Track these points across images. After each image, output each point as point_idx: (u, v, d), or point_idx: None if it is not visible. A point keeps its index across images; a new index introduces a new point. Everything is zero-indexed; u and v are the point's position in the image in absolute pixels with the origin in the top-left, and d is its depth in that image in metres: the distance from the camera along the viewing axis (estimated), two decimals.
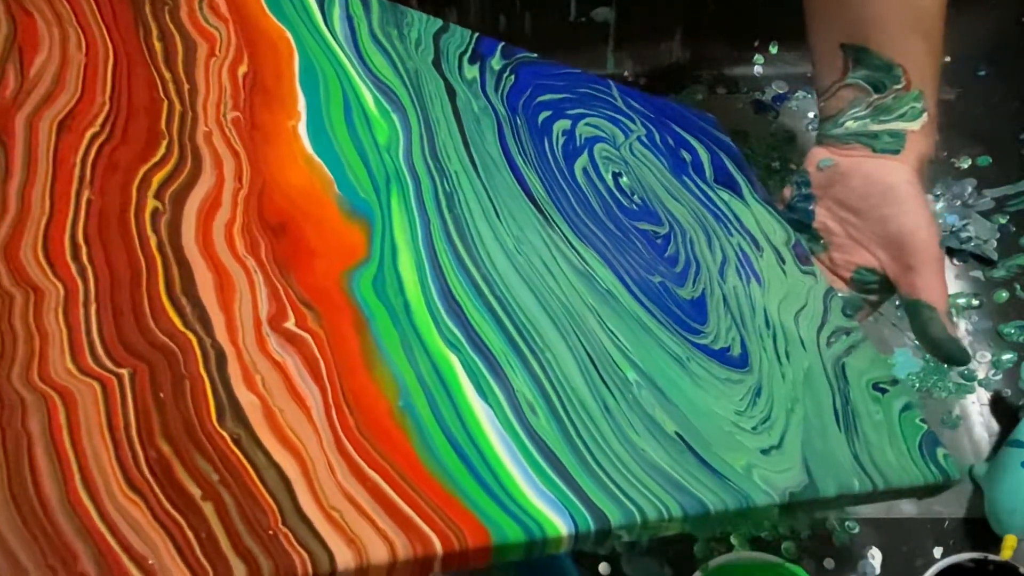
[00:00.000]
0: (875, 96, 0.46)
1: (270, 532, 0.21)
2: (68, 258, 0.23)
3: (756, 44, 0.72)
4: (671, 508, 0.29)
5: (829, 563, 0.50)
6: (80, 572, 0.18)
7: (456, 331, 0.29)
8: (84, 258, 0.23)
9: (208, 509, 0.21)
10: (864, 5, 0.45)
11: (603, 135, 0.44)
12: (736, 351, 0.39)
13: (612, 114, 0.46)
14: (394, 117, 0.34)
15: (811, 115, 0.70)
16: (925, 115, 0.46)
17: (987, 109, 0.70)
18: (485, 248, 0.32)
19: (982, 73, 0.72)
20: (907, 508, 0.52)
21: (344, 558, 0.22)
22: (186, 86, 0.28)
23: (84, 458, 0.20)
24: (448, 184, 0.33)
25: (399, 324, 0.28)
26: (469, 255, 0.31)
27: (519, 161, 0.37)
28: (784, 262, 0.47)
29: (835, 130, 0.48)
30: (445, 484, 0.25)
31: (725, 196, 0.48)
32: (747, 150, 0.67)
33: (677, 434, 0.32)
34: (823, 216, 0.49)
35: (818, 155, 0.49)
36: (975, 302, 0.61)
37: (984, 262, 0.63)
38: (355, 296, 0.27)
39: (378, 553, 0.22)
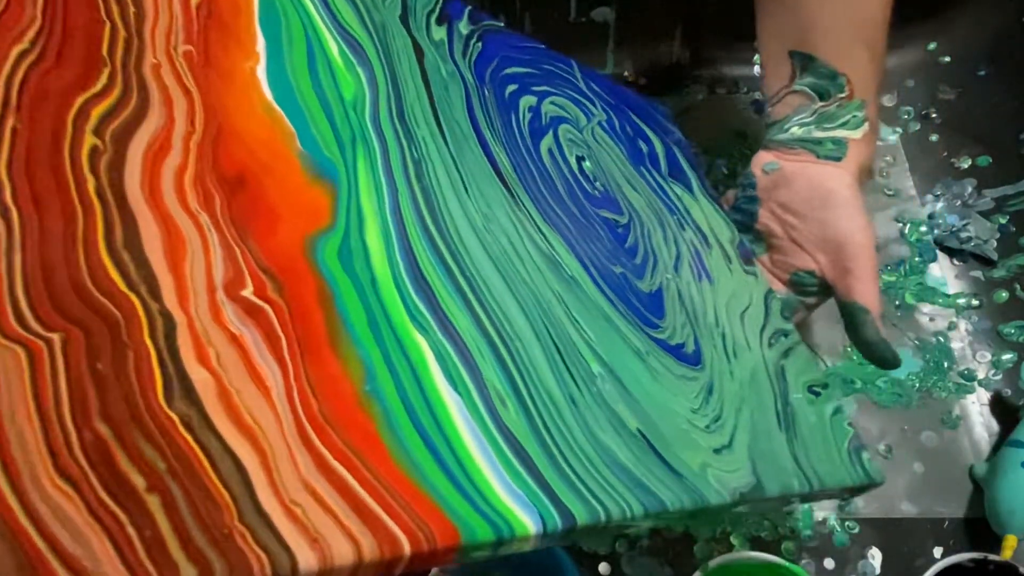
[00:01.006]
0: (820, 104, 0.47)
1: (224, 530, 0.18)
2: None
3: (756, 44, 0.72)
4: (634, 507, 0.28)
5: (829, 563, 0.50)
6: None
7: (425, 311, 0.26)
8: (7, 198, 0.19)
9: (153, 503, 0.18)
10: (811, 14, 0.45)
11: (567, 116, 0.43)
12: (690, 348, 0.38)
13: (575, 95, 0.44)
14: (360, 71, 0.31)
15: None
16: (866, 124, 0.47)
17: (987, 109, 0.69)
18: (454, 223, 0.30)
19: (982, 73, 0.71)
20: (907, 508, 0.52)
21: (306, 559, 0.19)
22: (132, 9, 0.24)
23: (4, 439, 0.17)
24: (416, 151, 0.31)
25: (366, 299, 0.25)
26: (438, 230, 0.29)
27: (487, 134, 0.35)
28: (730, 261, 0.47)
29: (781, 135, 0.48)
30: (413, 478, 0.22)
31: (678, 190, 0.48)
32: (746, 150, 0.66)
33: (639, 431, 0.31)
34: (766, 218, 0.50)
35: (763, 158, 0.49)
36: (975, 302, 0.61)
37: (984, 262, 0.63)
38: (319, 265, 0.24)
39: (343, 554, 0.20)
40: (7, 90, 0.20)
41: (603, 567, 0.49)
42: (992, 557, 0.44)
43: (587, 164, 0.41)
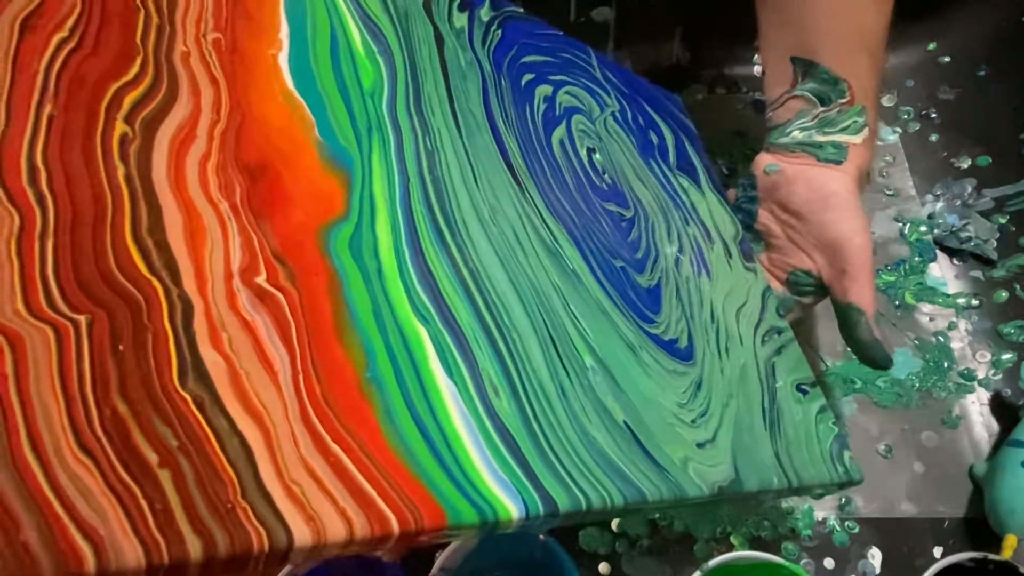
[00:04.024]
0: (821, 108, 0.48)
1: (228, 505, 0.20)
2: (24, 182, 0.20)
3: (756, 44, 0.71)
4: (614, 497, 0.29)
5: (829, 563, 0.50)
6: (22, 541, 0.17)
7: (427, 301, 0.28)
8: (43, 183, 0.20)
9: (164, 477, 0.19)
10: (813, 21, 0.46)
11: (581, 107, 0.43)
12: (683, 343, 0.39)
13: (590, 84, 0.45)
14: (380, 61, 0.32)
15: None
16: (866, 129, 0.48)
17: (987, 109, 0.70)
18: (462, 215, 0.31)
19: (982, 73, 0.72)
20: (907, 508, 0.52)
21: (302, 536, 0.21)
22: None
23: (31, 413, 0.18)
24: (430, 141, 0.32)
25: (371, 288, 0.26)
26: (446, 221, 0.30)
27: (500, 124, 0.36)
28: (731, 256, 0.48)
29: (782, 139, 0.49)
30: (406, 462, 0.24)
31: (684, 183, 0.48)
32: (747, 150, 0.66)
33: (625, 423, 0.32)
34: (765, 218, 0.51)
35: (765, 160, 0.50)
36: (975, 302, 0.61)
37: (984, 262, 0.63)
38: (331, 255, 0.26)
39: (336, 532, 0.22)
40: (46, 77, 0.22)
41: (603, 567, 0.49)
42: (992, 557, 0.44)
43: (597, 156, 0.42)
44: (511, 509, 0.26)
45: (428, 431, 0.25)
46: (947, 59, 0.72)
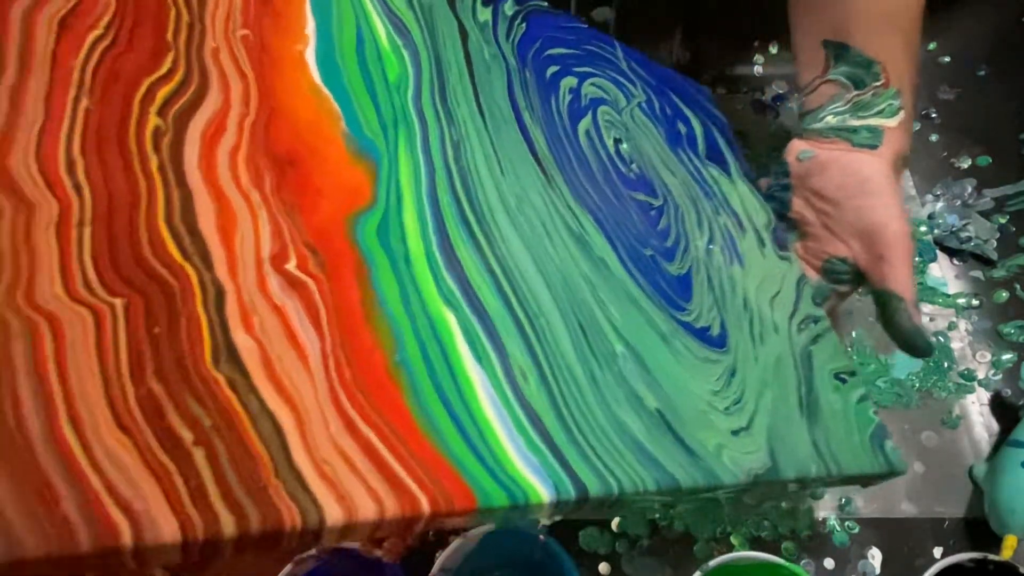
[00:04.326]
0: (855, 92, 0.47)
1: (261, 484, 0.20)
2: (63, 172, 0.21)
3: (756, 44, 0.71)
4: (646, 482, 0.29)
5: (829, 563, 0.50)
6: (61, 515, 0.17)
7: (455, 288, 0.28)
8: (80, 173, 0.21)
9: (199, 456, 0.20)
10: (845, 3, 0.45)
11: (607, 97, 0.43)
12: (716, 331, 0.39)
13: (616, 76, 0.45)
14: (405, 55, 0.32)
15: None
16: (902, 112, 0.47)
17: (987, 109, 0.70)
18: (488, 203, 0.31)
19: (982, 73, 0.71)
20: (907, 508, 0.52)
21: (333, 515, 0.21)
22: None
23: (71, 393, 0.19)
24: (456, 132, 0.32)
25: (399, 275, 0.27)
26: (472, 210, 0.30)
27: (526, 116, 0.36)
28: (764, 245, 0.47)
29: (815, 124, 0.49)
30: (436, 445, 0.24)
31: (715, 173, 0.48)
32: (747, 150, 0.66)
33: (657, 410, 0.32)
34: (799, 206, 0.50)
35: (798, 146, 0.50)
36: (975, 302, 0.61)
37: (984, 262, 0.63)
38: (359, 243, 0.26)
39: (367, 511, 0.22)
40: (82, 73, 0.22)
41: (603, 567, 0.49)
42: (992, 557, 0.45)
43: (624, 146, 0.42)
44: (542, 493, 0.26)
45: (457, 415, 0.25)
46: (947, 59, 0.72)
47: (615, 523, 0.49)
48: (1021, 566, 0.44)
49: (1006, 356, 0.59)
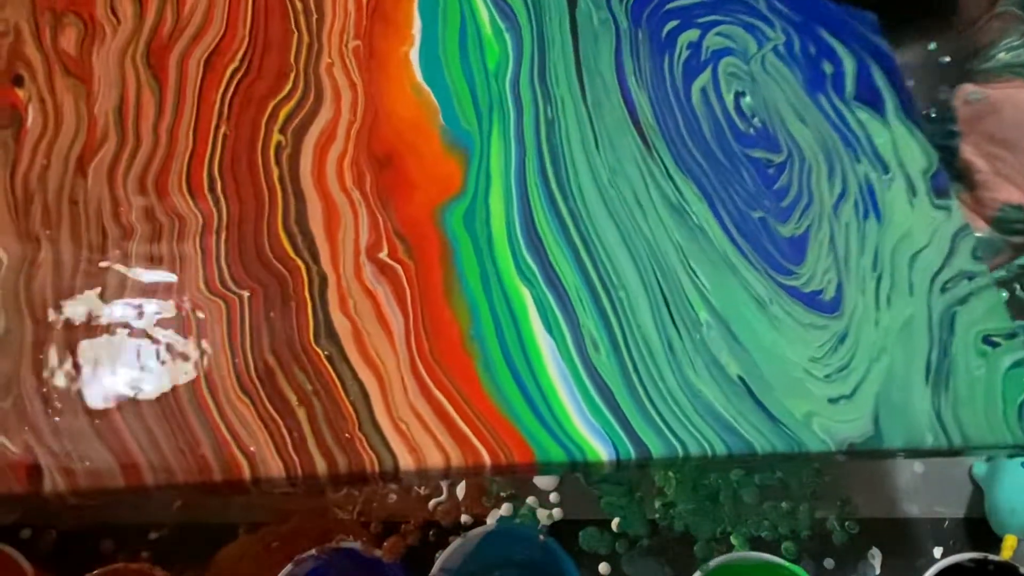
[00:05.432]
0: None
1: (347, 436, 0.26)
2: (206, 190, 0.27)
3: None
4: (716, 447, 0.32)
5: (829, 563, 0.51)
6: (201, 455, 0.24)
7: (533, 265, 0.31)
8: (219, 190, 0.27)
9: (301, 413, 0.26)
10: None
11: (733, 47, 0.42)
12: (829, 295, 0.39)
13: (750, 19, 0.44)
14: (507, 37, 0.35)
15: None
16: None
17: None
18: (578, 180, 0.34)
19: None
20: (907, 508, 0.52)
21: (406, 462, 0.27)
22: (315, 16, 0.31)
23: (208, 364, 0.26)
24: (551, 110, 0.34)
25: (481, 256, 0.31)
26: (560, 188, 0.33)
27: (631, 82, 0.37)
28: (915, 194, 0.45)
29: (985, 64, 0.44)
30: (500, 407, 0.29)
31: (863, 116, 0.45)
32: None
33: (740, 377, 0.34)
34: (968, 153, 0.46)
35: (966, 89, 0.45)
36: None
37: None
38: (446, 229, 0.30)
39: (435, 460, 0.27)
40: (222, 103, 0.28)
41: (603, 567, 0.50)
42: (992, 557, 0.44)
43: (747, 100, 0.41)
44: (600, 452, 0.29)
45: (523, 381, 0.29)
46: (947, 59, 0.62)
47: (615, 523, 0.50)
48: (1021, 566, 0.44)
49: None
